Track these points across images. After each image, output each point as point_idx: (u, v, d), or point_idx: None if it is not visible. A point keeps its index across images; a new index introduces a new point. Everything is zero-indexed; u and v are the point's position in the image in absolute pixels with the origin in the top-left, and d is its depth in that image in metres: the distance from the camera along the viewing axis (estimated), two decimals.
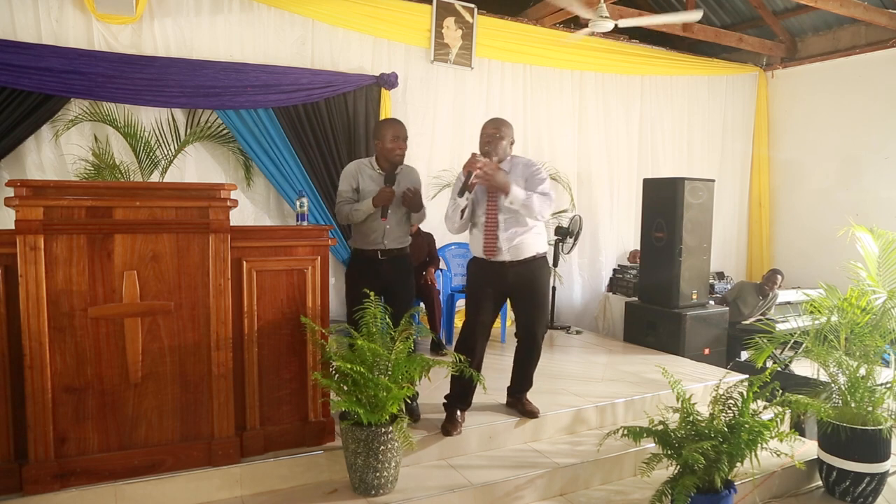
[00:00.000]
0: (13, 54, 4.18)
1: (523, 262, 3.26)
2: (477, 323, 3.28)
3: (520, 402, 3.48)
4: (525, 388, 3.52)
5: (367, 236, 3.32)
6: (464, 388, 3.28)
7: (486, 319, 3.32)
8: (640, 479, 3.03)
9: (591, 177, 6.76)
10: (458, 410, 3.29)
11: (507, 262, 3.24)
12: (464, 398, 3.32)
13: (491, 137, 3.24)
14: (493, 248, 3.23)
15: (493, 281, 3.28)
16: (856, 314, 3.49)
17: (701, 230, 5.40)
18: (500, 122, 3.31)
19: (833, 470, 3.32)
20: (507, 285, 3.29)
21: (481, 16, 5.91)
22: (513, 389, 3.53)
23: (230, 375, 2.75)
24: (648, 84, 7.06)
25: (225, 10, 4.94)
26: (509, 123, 3.33)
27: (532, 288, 3.31)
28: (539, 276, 3.34)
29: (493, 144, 3.22)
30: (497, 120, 3.33)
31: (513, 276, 3.26)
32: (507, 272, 3.25)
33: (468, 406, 3.35)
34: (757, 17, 7.30)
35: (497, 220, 3.23)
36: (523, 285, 3.29)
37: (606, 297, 6.63)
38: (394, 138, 3.29)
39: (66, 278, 2.48)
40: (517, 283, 3.28)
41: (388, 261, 3.34)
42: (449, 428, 3.19)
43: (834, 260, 5.37)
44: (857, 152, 6.84)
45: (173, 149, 4.76)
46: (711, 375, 4.29)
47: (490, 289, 3.30)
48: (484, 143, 3.25)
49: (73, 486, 2.51)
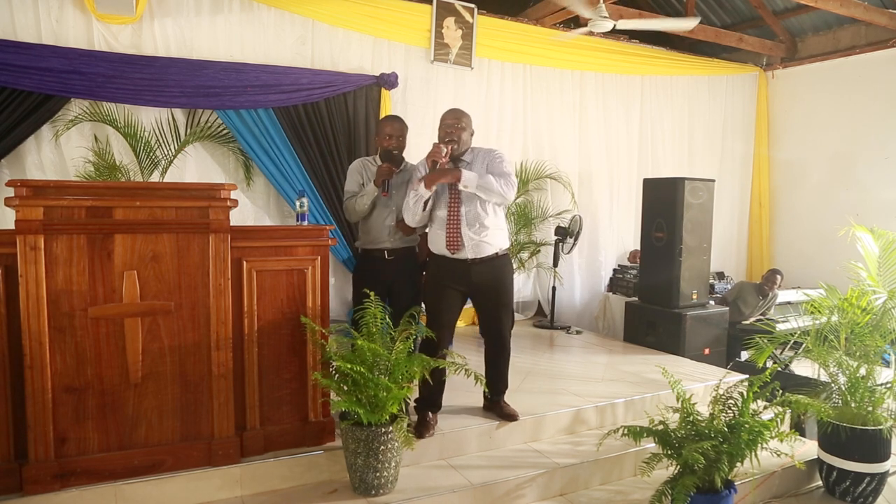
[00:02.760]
0: (13, 54, 4.18)
1: (486, 260, 3.18)
2: (442, 327, 3.19)
3: (497, 406, 3.40)
4: (500, 389, 3.42)
5: (370, 234, 3.34)
6: (433, 392, 3.22)
7: (452, 320, 3.28)
8: (640, 479, 3.03)
9: (591, 177, 6.76)
10: (429, 413, 3.24)
11: (470, 260, 3.16)
12: (434, 402, 3.28)
13: (452, 128, 3.17)
14: (457, 243, 3.14)
15: (455, 279, 3.20)
16: (856, 314, 3.49)
17: (701, 230, 5.40)
18: (460, 112, 3.25)
19: (833, 470, 3.32)
20: (470, 284, 3.20)
21: (481, 16, 5.91)
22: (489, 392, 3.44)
23: (230, 375, 2.75)
24: (648, 84, 7.06)
25: (225, 10, 4.93)
26: (468, 114, 3.27)
27: (497, 287, 3.24)
28: (503, 273, 3.27)
29: (455, 135, 3.16)
30: (456, 111, 3.27)
31: (476, 275, 3.17)
32: (470, 270, 3.17)
33: (439, 409, 3.31)
34: (757, 17, 7.30)
35: (459, 214, 3.14)
36: (487, 284, 3.21)
37: (606, 297, 6.63)
38: (388, 136, 3.36)
39: (66, 278, 2.48)
40: (480, 282, 3.20)
41: (394, 260, 3.36)
42: (422, 431, 3.13)
43: (834, 260, 5.37)
44: (858, 152, 6.84)
45: (173, 149, 4.75)
46: (711, 375, 4.29)
47: (452, 288, 3.21)
48: (445, 134, 3.18)
49: (73, 486, 2.51)
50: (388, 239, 3.34)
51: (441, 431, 3.20)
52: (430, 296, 3.29)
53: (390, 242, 3.34)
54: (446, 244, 3.16)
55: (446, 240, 3.16)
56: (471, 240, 3.14)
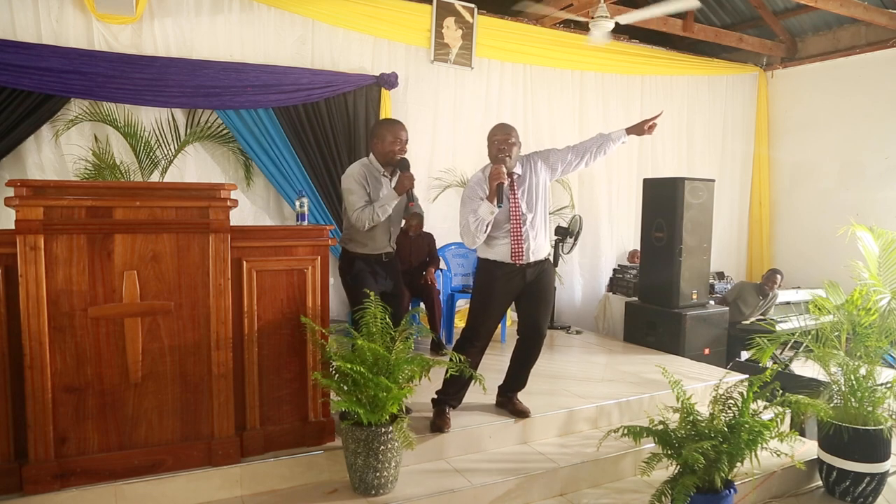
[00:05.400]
0: (13, 54, 4.18)
1: (538, 264, 3.32)
2: (487, 327, 3.32)
3: (511, 402, 3.48)
4: (519, 387, 3.51)
5: (375, 240, 3.32)
6: (460, 388, 3.32)
7: (495, 325, 3.37)
8: (640, 479, 3.03)
9: (591, 177, 6.76)
10: (448, 408, 3.31)
11: (527, 265, 3.28)
12: (458, 396, 3.36)
13: (504, 143, 3.21)
14: (521, 252, 3.24)
15: (511, 286, 3.29)
16: (860, 315, 3.49)
17: (701, 230, 5.40)
18: (509, 127, 3.29)
19: (833, 470, 3.32)
20: (522, 287, 3.32)
21: (481, 16, 5.91)
22: (505, 388, 3.51)
23: (230, 375, 2.75)
24: (648, 84, 7.06)
25: (225, 10, 4.94)
26: (515, 128, 3.31)
27: (544, 287, 3.38)
28: (550, 275, 3.43)
29: (508, 151, 3.21)
30: (506, 126, 3.30)
31: (530, 276, 3.30)
32: (525, 274, 3.29)
33: (459, 403, 3.39)
34: (757, 17, 7.29)
35: (524, 224, 3.24)
36: (536, 285, 3.33)
37: (606, 297, 6.63)
38: (393, 140, 3.25)
39: (66, 278, 2.48)
40: (531, 284, 3.31)
41: (389, 262, 3.43)
42: (440, 424, 3.19)
43: (834, 260, 5.37)
44: (858, 152, 6.84)
45: (173, 149, 4.76)
46: (711, 375, 4.29)
47: (506, 295, 3.32)
48: (497, 151, 3.21)
49: (73, 486, 2.51)
50: (390, 244, 3.40)
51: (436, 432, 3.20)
52: (483, 301, 3.33)
53: (391, 247, 3.41)
54: (511, 254, 3.24)
55: (512, 249, 3.23)
56: (531, 246, 3.25)
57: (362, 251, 3.34)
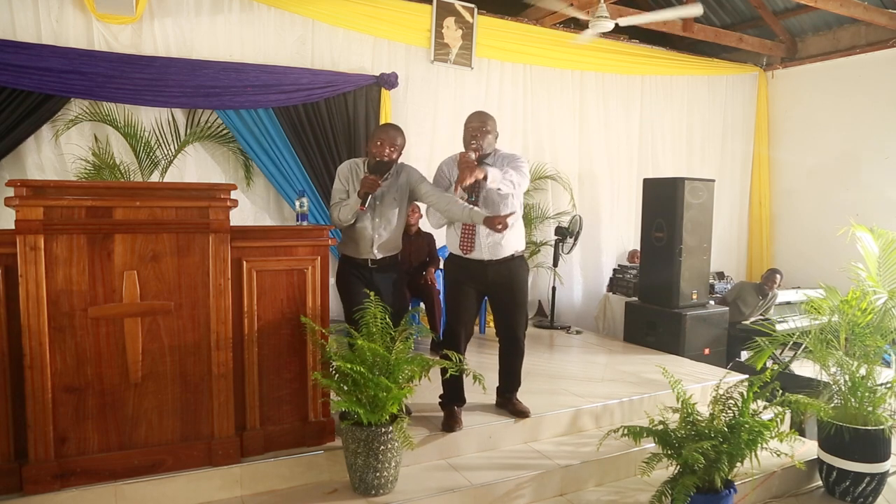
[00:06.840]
0: (13, 54, 4.18)
1: (503, 262, 3.23)
2: (459, 323, 3.27)
3: (510, 402, 3.47)
4: (513, 387, 3.49)
5: (357, 244, 3.18)
6: (455, 386, 3.30)
7: (468, 319, 3.31)
8: (640, 479, 3.03)
9: (591, 177, 6.76)
10: (455, 407, 3.31)
11: (486, 262, 3.22)
12: (458, 395, 3.34)
13: (477, 131, 3.17)
14: (471, 244, 3.20)
15: (471, 278, 3.26)
16: (857, 315, 3.49)
17: (701, 230, 5.41)
18: (485, 115, 3.24)
19: (833, 470, 3.32)
20: (487, 284, 3.27)
21: (481, 16, 5.91)
22: (502, 389, 3.51)
23: (230, 375, 2.75)
24: (648, 84, 7.07)
25: (225, 10, 4.94)
26: (493, 117, 3.27)
27: (512, 287, 3.28)
28: (518, 274, 3.31)
29: (481, 139, 3.16)
30: (482, 113, 3.26)
31: (492, 275, 3.23)
32: (487, 271, 3.23)
33: (463, 402, 3.38)
34: (757, 17, 7.30)
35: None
36: (503, 284, 3.27)
37: (606, 297, 6.63)
38: (380, 143, 3.12)
39: (66, 278, 2.48)
40: (497, 283, 3.26)
41: (377, 269, 3.22)
42: (451, 424, 3.21)
43: (834, 260, 5.37)
44: (858, 152, 6.84)
45: (173, 149, 4.76)
46: (711, 375, 4.29)
47: (470, 287, 3.28)
48: (470, 138, 3.17)
49: (73, 486, 2.51)
50: (371, 251, 3.18)
51: (441, 431, 3.21)
52: (448, 293, 3.36)
53: (373, 253, 3.19)
54: (459, 244, 3.24)
55: (460, 241, 3.23)
56: (486, 242, 3.19)
57: (347, 252, 3.25)
